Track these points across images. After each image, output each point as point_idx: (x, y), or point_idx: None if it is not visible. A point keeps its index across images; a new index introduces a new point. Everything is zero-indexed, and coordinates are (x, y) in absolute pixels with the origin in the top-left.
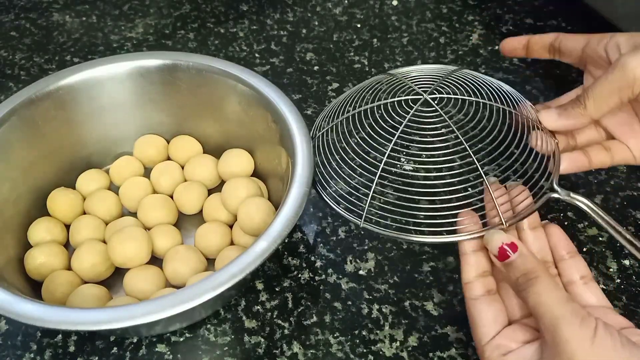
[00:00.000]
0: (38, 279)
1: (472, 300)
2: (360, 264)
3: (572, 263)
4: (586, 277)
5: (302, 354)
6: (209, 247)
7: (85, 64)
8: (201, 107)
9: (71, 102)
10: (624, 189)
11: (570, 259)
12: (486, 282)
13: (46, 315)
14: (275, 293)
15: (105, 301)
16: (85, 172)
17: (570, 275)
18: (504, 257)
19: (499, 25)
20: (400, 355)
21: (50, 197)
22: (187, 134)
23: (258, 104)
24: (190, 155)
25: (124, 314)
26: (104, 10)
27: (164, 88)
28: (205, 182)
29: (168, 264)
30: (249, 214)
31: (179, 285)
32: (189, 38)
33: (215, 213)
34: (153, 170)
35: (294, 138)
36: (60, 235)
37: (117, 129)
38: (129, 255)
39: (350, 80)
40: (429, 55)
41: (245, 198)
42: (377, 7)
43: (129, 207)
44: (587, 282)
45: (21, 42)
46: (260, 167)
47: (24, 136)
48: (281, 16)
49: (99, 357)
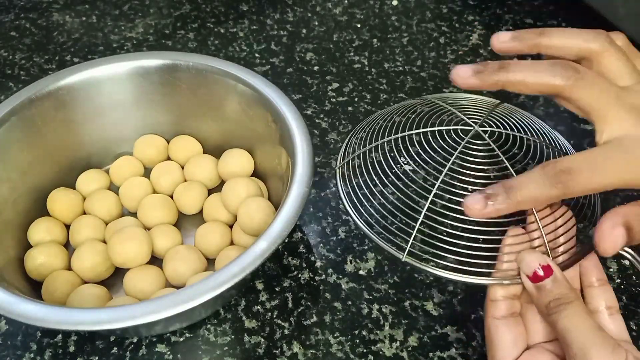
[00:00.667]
0: (38, 279)
1: (494, 320)
2: (360, 264)
3: (600, 292)
4: (612, 308)
5: (302, 354)
6: (209, 247)
7: (85, 63)
8: (201, 107)
9: (71, 102)
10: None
11: (599, 287)
12: (512, 303)
13: (45, 315)
14: (275, 293)
15: (106, 301)
16: (85, 172)
17: (597, 304)
18: (538, 280)
19: (499, 25)
20: (400, 355)
21: (50, 197)
22: (187, 134)
23: (258, 104)
24: (190, 155)
25: (124, 314)
26: (104, 10)
27: (164, 88)
28: (205, 182)
29: (168, 263)
30: (249, 214)
31: (179, 285)
32: (189, 38)
33: (215, 213)
34: (153, 170)
35: (294, 138)
36: (60, 235)
37: (117, 129)
38: (129, 255)
39: (350, 80)
40: (429, 55)
41: (245, 198)
42: (377, 7)
43: (129, 207)
44: (613, 313)
45: (21, 42)
46: (260, 167)
47: (23, 136)
48: (281, 16)
49: (99, 357)
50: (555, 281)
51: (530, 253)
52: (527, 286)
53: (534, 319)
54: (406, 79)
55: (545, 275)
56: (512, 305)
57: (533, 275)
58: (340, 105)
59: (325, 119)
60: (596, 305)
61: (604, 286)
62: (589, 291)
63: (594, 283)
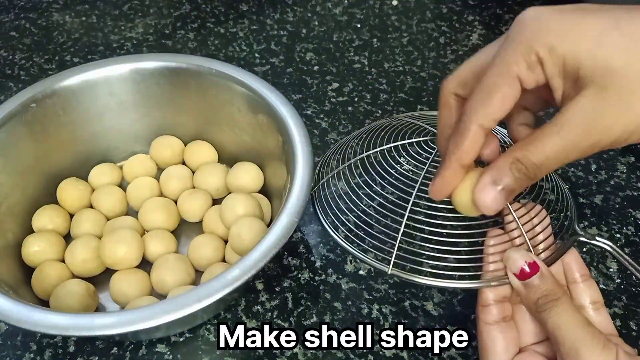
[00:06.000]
0: (32, 266)
1: (486, 325)
2: (360, 264)
3: (584, 287)
4: (597, 302)
5: (302, 354)
6: (200, 260)
7: (112, 59)
8: (220, 115)
9: (91, 96)
10: (624, 189)
11: (583, 282)
12: (504, 307)
13: (25, 317)
14: (275, 293)
15: (88, 299)
16: (99, 165)
17: (582, 299)
18: (525, 277)
19: (499, 25)
20: (400, 355)
21: (59, 187)
22: (206, 140)
23: (272, 122)
24: (204, 161)
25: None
26: (104, 10)
27: (186, 91)
28: (211, 191)
29: (155, 271)
30: (240, 234)
31: (163, 293)
32: (188, 38)
33: (213, 225)
34: (163, 173)
35: (297, 166)
36: (63, 225)
37: (136, 127)
38: (117, 258)
39: (350, 80)
40: (429, 55)
41: (242, 215)
42: (377, 7)
43: (134, 205)
44: (598, 308)
45: (21, 42)
46: (269, 183)
47: (42, 126)
48: (281, 16)
49: (99, 357)
50: (542, 277)
51: (515, 251)
52: (515, 285)
53: (524, 320)
54: (406, 79)
55: (531, 272)
56: (504, 309)
57: (520, 272)
58: (340, 105)
59: (325, 119)
60: (582, 301)
61: (588, 281)
62: (573, 287)
63: (577, 279)
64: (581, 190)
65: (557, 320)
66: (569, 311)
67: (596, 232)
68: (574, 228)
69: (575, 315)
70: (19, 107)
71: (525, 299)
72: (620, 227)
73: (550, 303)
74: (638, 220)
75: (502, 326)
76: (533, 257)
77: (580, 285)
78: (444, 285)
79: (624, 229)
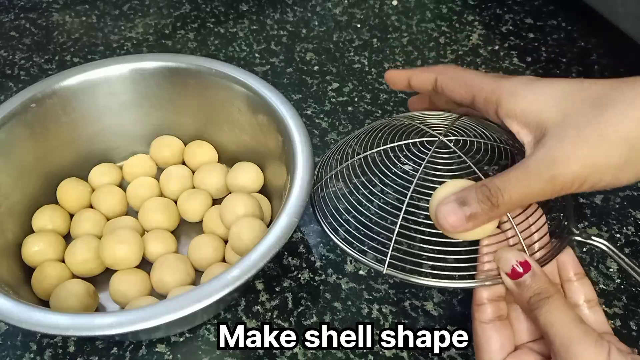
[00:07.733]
0: (32, 266)
1: (481, 324)
2: (360, 263)
3: (579, 285)
4: (592, 301)
5: (302, 354)
6: (200, 260)
7: (112, 59)
8: (220, 115)
9: (91, 96)
10: (624, 189)
11: (577, 281)
12: (498, 306)
13: (25, 318)
14: (275, 293)
15: (88, 299)
16: (99, 165)
17: (576, 298)
18: (517, 276)
19: (499, 25)
20: (400, 355)
21: (59, 186)
22: (206, 140)
23: (272, 122)
24: (204, 161)
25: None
26: (104, 10)
27: (186, 91)
28: (211, 192)
29: (155, 271)
30: (239, 234)
31: (163, 293)
32: (188, 38)
33: (213, 225)
34: (163, 173)
35: (297, 164)
36: (63, 225)
37: (136, 127)
38: (117, 258)
39: (350, 80)
40: (429, 55)
41: (242, 216)
42: (377, 7)
43: (134, 205)
44: (592, 306)
45: (21, 42)
46: (268, 183)
47: (42, 126)
48: (281, 16)
49: (99, 357)
50: (534, 276)
51: (507, 251)
52: (508, 284)
53: (519, 319)
54: None
55: (523, 271)
56: (499, 308)
57: (512, 271)
58: (340, 105)
59: (325, 119)
60: (576, 299)
61: (582, 280)
62: (567, 286)
63: (572, 278)
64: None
65: (549, 317)
66: (561, 309)
67: (595, 232)
68: (570, 228)
69: (567, 313)
70: (19, 107)
71: (517, 298)
72: (620, 227)
73: (542, 301)
74: (638, 220)
75: (497, 325)
76: (525, 256)
77: (575, 283)
78: (439, 285)
79: (624, 229)
